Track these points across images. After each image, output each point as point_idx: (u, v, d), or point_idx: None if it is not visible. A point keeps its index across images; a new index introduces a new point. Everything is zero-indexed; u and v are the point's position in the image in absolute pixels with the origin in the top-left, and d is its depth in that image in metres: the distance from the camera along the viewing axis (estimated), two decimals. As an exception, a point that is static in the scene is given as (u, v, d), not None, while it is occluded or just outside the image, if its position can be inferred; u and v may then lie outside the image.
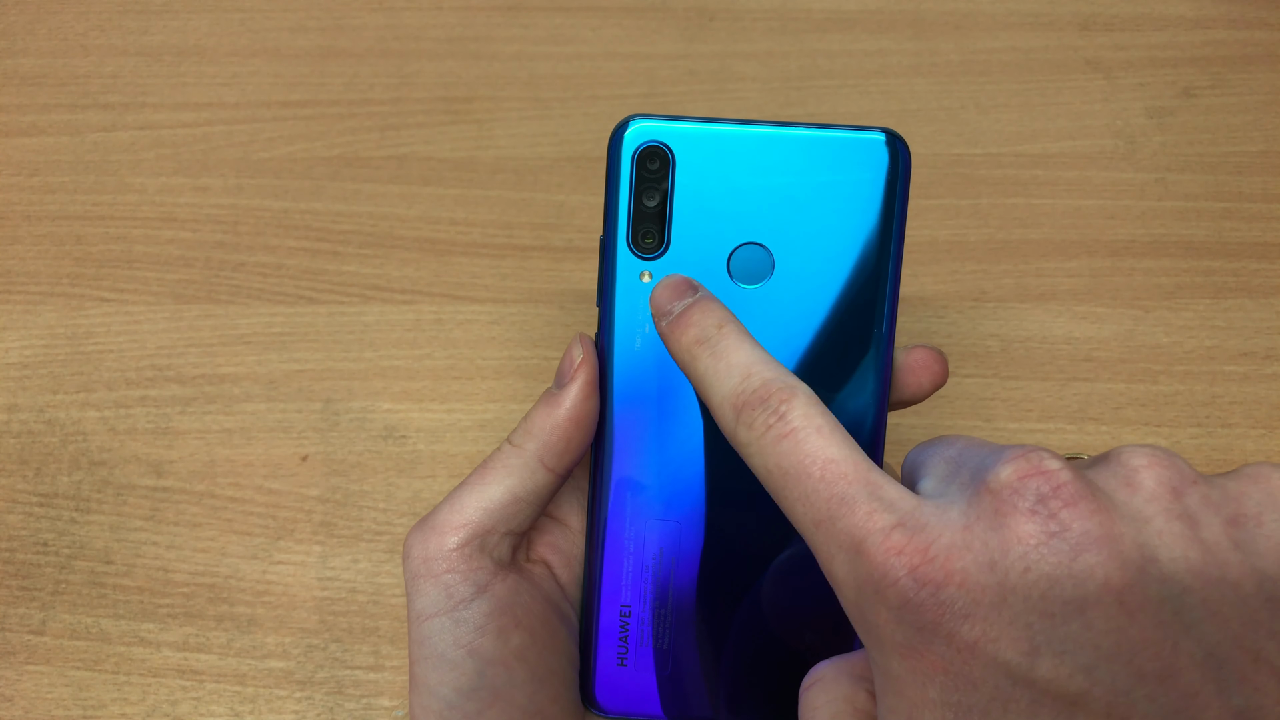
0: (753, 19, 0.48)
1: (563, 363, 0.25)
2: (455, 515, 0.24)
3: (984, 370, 0.39)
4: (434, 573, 0.24)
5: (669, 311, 0.24)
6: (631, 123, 0.25)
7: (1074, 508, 0.17)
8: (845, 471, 0.19)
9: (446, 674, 0.24)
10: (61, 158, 0.44)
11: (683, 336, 0.23)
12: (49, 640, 0.34)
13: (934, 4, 0.48)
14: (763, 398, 0.21)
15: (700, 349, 0.22)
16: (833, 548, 0.19)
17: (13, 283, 0.41)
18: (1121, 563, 0.17)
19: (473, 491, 0.24)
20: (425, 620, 0.24)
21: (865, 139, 0.25)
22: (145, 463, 0.37)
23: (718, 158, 0.25)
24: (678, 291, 0.24)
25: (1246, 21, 0.48)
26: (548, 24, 0.47)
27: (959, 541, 0.17)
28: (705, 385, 0.22)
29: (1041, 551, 0.17)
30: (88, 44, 0.47)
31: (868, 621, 0.18)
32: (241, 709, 0.33)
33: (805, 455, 0.19)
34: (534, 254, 0.41)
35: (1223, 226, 0.42)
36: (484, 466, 0.25)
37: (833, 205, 0.25)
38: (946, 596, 0.17)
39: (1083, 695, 0.16)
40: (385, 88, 0.45)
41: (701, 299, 0.24)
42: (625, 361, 0.25)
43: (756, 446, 0.20)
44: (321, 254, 0.41)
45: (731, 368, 0.22)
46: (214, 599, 0.35)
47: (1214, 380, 0.39)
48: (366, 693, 0.33)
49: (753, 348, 0.22)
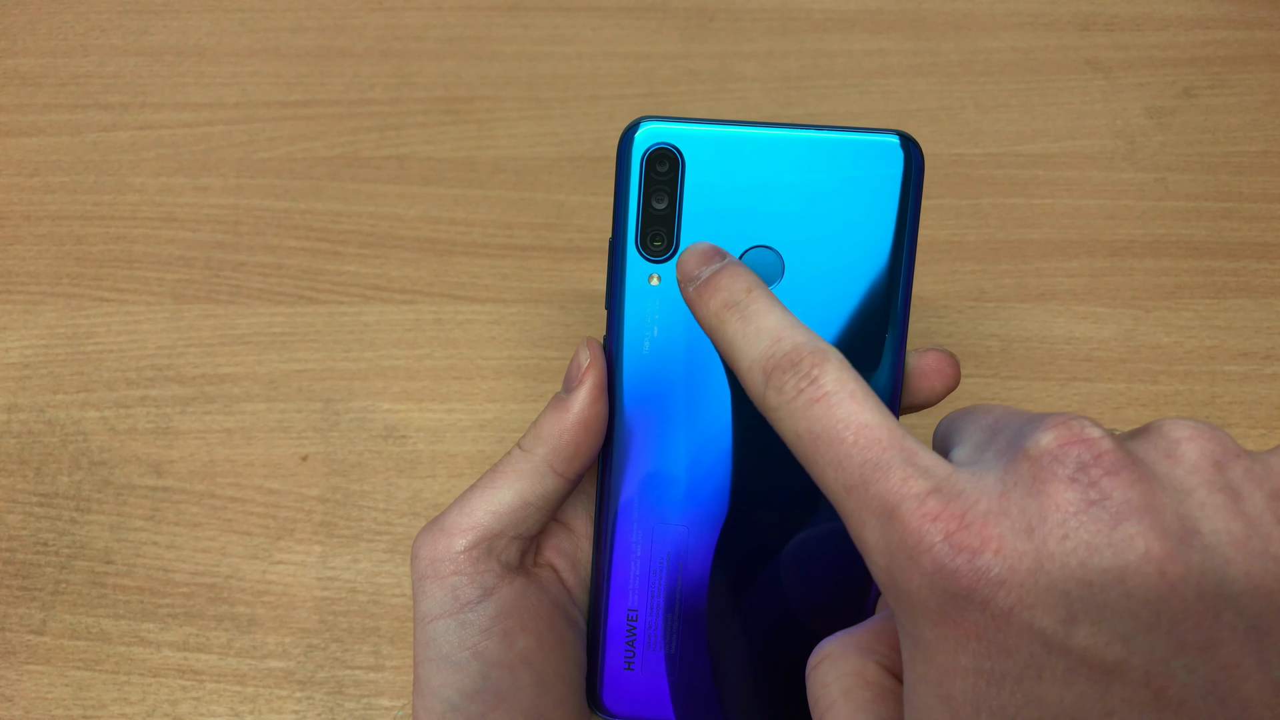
0: (753, 19, 0.48)
1: (571, 367, 0.25)
2: (464, 518, 0.24)
3: (984, 370, 0.39)
4: (440, 574, 0.24)
5: (696, 276, 0.23)
6: (641, 124, 0.25)
7: (1115, 476, 0.17)
8: (879, 437, 0.19)
9: (450, 676, 0.24)
10: (61, 158, 0.44)
11: (710, 300, 0.23)
12: (49, 640, 0.34)
13: (934, 4, 0.48)
14: (794, 361, 0.20)
15: (729, 313, 0.22)
16: (864, 513, 0.18)
17: (13, 283, 0.41)
18: (1163, 533, 0.16)
19: (482, 495, 0.24)
20: (431, 621, 0.24)
21: (879, 142, 0.25)
22: (145, 463, 0.37)
23: (728, 160, 0.25)
24: (705, 257, 0.24)
25: (1246, 21, 0.48)
26: (548, 24, 0.47)
27: (995, 508, 0.17)
28: (733, 349, 0.22)
29: (1081, 519, 0.17)
30: (88, 44, 0.47)
31: (899, 588, 0.18)
32: (242, 709, 0.33)
33: (838, 420, 0.19)
34: (534, 254, 0.41)
35: (1223, 226, 0.42)
36: (494, 470, 0.25)
37: (845, 208, 0.25)
38: (982, 563, 0.17)
39: (1120, 664, 0.16)
40: (385, 88, 0.45)
41: (730, 264, 0.23)
42: (634, 364, 0.25)
43: (786, 410, 0.20)
44: (321, 254, 0.41)
45: (761, 331, 0.21)
46: (214, 599, 0.35)
47: (1214, 380, 0.39)
48: (367, 693, 0.33)
49: (783, 312, 0.22)
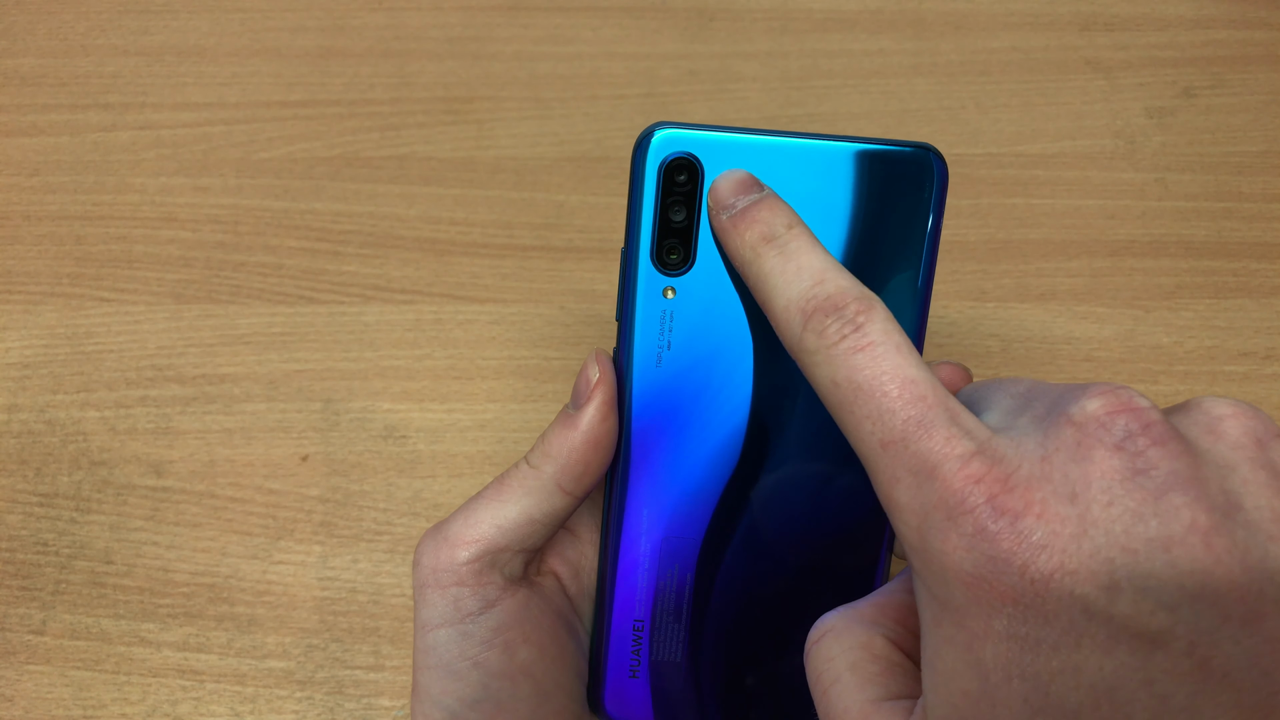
0: (753, 19, 0.48)
1: (579, 381, 0.24)
2: (469, 529, 0.24)
3: (984, 370, 0.39)
4: (442, 584, 0.24)
5: (731, 205, 0.22)
6: (657, 132, 0.24)
7: (1162, 447, 0.17)
8: (924, 393, 0.18)
9: (450, 684, 0.24)
10: (61, 158, 0.44)
11: (747, 232, 0.22)
12: (49, 640, 0.34)
13: (934, 4, 0.48)
14: (838, 305, 0.20)
15: (767, 247, 0.21)
16: (900, 470, 0.18)
17: (13, 283, 0.41)
18: (1209, 506, 0.16)
19: (488, 507, 0.24)
20: (431, 630, 0.24)
21: (910, 155, 0.24)
22: (145, 463, 0.37)
23: (758, 169, 0.24)
24: (743, 186, 0.23)
25: (1246, 21, 0.48)
26: (548, 24, 0.47)
27: (1038, 472, 0.17)
28: (768, 285, 0.21)
29: (1127, 486, 0.17)
30: (88, 44, 0.47)
31: (931, 549, 0.17)
32: (242, 709, 0.33)
33: (883, 371, 0.19)
34: (534, 254, 0.41)
35: (1223, 226, 0.42)
36: (501, 483, 0.24)
37: (872, 221, 0.24)
38: (1024, 526, 0.16)
39: (1164, 633, 0.16)
40: (385, 88, 0.45)
41: (769, 196, 0.22)
42: (645, 378, 0.25)
43: (825, 355, 0.19)
44: (321, 254, 0.41)
45: (802, 269, 0.21)
46: (214, 599, 0.35)
47: (1214, 380, 0.39)
48: (366, 693, 0.33)
49: (825, 253, 0.21)
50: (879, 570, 0.26)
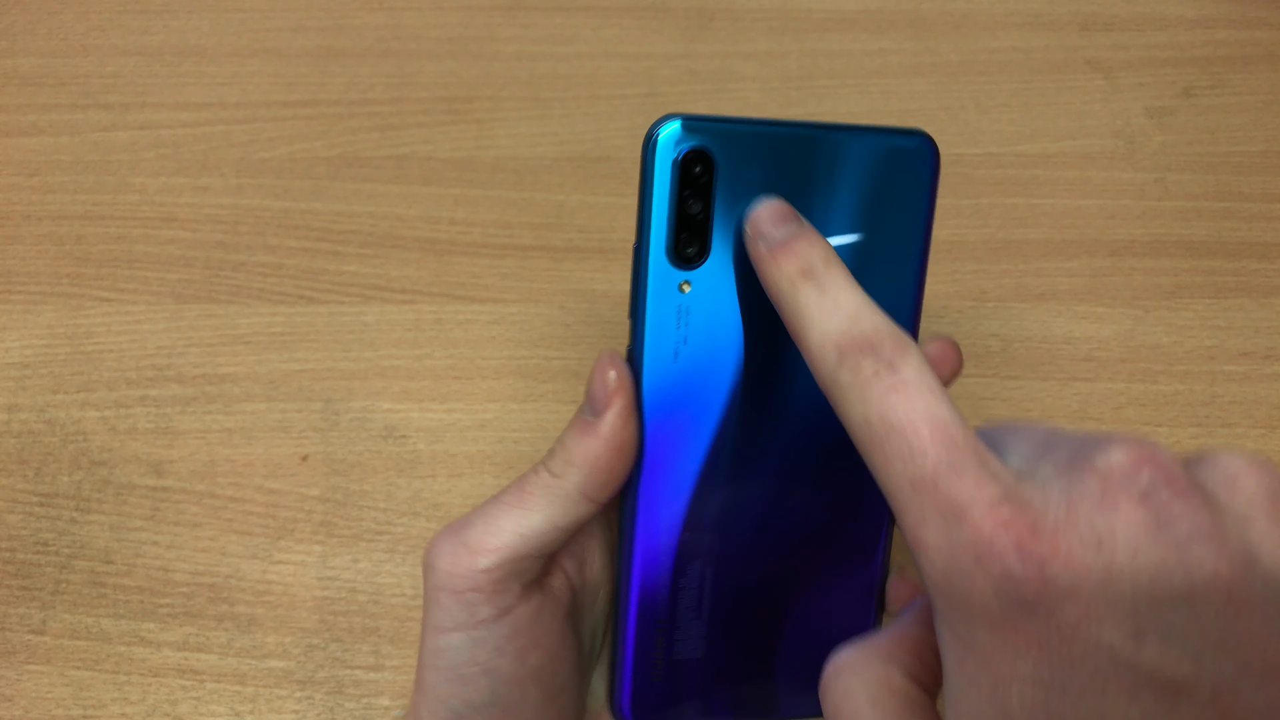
0: (753, 19, 0.48)
1: (594, 385, 0.24)
2: (490, 537, 0.23)
3: (984, 370, 0.39)
4: (457, 589, 0.23)
5: (770, 236, 0.23)
6: (669, 123, 0.23)
7: (1186, 500, 0.17)
8: (954, 436, 0.19)
9: (459, 688, 0.23)
10: (62, 158, 0.44)
11: (786, 264, 0.22)
12: (49, 640, 0.34)
13: (934, 4, 0.48)
14: (874, 343, 0.20)
15: (805, 281, 0.22)
16: (928, 510, 0.18)
17: (13, 283, 0.41)
18: (1230, 558, 0.17)
19: (510, 515, 0.24)
20: (442, 633, 0.23)
21: (908, 141, 0.25)
22: (145, 462, 0.37)
23: (760, 160, 0.24)
24: (782, 217, 0.23)
25: (1246, 21, 0.48)
26: (548, 24, 0.47)
27: (1064, 520, 0.17)
28: (804, 319, 0.21)
29: (1152, 537, 0.17)
30: (88, 44, 0.47)
31: (957, 591, 0.18)
32: (242, 709, 0.33)
33: (916, 411, 0.19)
34: (534, 254, 0.41)
35: (1223, 226, 0.42)
36: (522, 490, 0.24)
37: (873, 208, 0.25)
38: (1051, 573, 0.17)
39: (1189, 683, 0.16)
40: (385, 88, 0.45)
41: (808, 230, 0.23)
42: (660, 375, 0.24)
43: (860, 392, 0.19)
44: (321, 254, 0.41)
45: (840, 306, 0.21)
46: (214, 599, 0.35)
47: (1214, 380, 0.39)
48: (366, 692, 0.33)
49: (861, 291, 0.21)
50: (879, 549, 0.27)
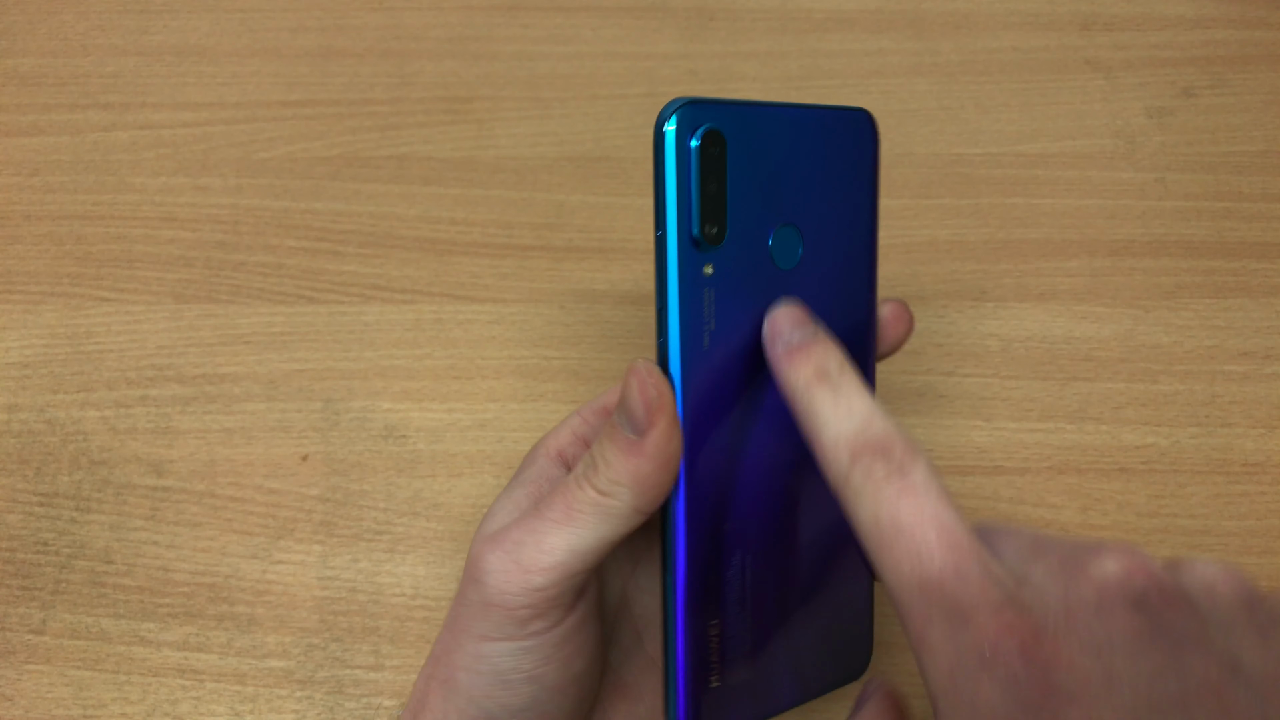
0: (753, 19, 0.48)
1: (633, 402, 0.23)
2: (544, 556, 0.23)
3: (984, 370, 0.39)
4: (509, 605, 0.23)
5: (788, 338, 0.24)
6: (685, 107, 0.23)
7: (1176, 609, 0.18)
8: (961, 541, 0.19)
9: (498, 692, 0.23)
10: (61, 157, 0.44)
11: (803, 367, 0.23)
12: (49, 640, 0.34)
13: (934, 4, 0.48)
14: (885, 447, 0.21)
15: (821, 384, 0.22)
16: (934, 611, 0.19)
17: (13, 283, 0.41)
18: (1218, 663, 0.18)
19: (560, 534, 0.23)
20: (488, 641, 0.23)
21: (855, 114, 0.26)
22: (145, 462, 0.37)
23: (759, 138, 0.24)
24: (800, 321, 0.24)
25: (1246, 21, 0.48)
26: (548, 24, 0.47)
27: (1064, 625, 0.18)
28: (818, 421, 0.22)
29: (1146, 644, 0.18)
30: (88, 44, 0.47)
31: (961, 690, 0.18)
32: (241, 708, 0.33)
33: (924, 514, 0.20)
34: (534, 254, 0.41)
35: (1223, 226, 0.42)
36: (569, 508, 0.23)
37: (840, 179, 0.26)
38: (1056, 679, 0.18)
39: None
40: (385, 88, 0.45)
41: (824, 335, 0.24)
42: (696, 366, 0.24)
43: (871, 494, 0.20)
44: (321, 254, 0.41)
45: (853, 410, 0.22)
46: (214, 598, 0.35)
47: (1214, 380, 0.39)
48: (366, 692, 0.33)
49: (873, 396, 0.22)
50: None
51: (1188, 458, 0.37)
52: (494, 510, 0.26)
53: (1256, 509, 0.36)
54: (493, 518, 0.26)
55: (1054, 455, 0.37)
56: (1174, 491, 0.36)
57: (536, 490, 0.27)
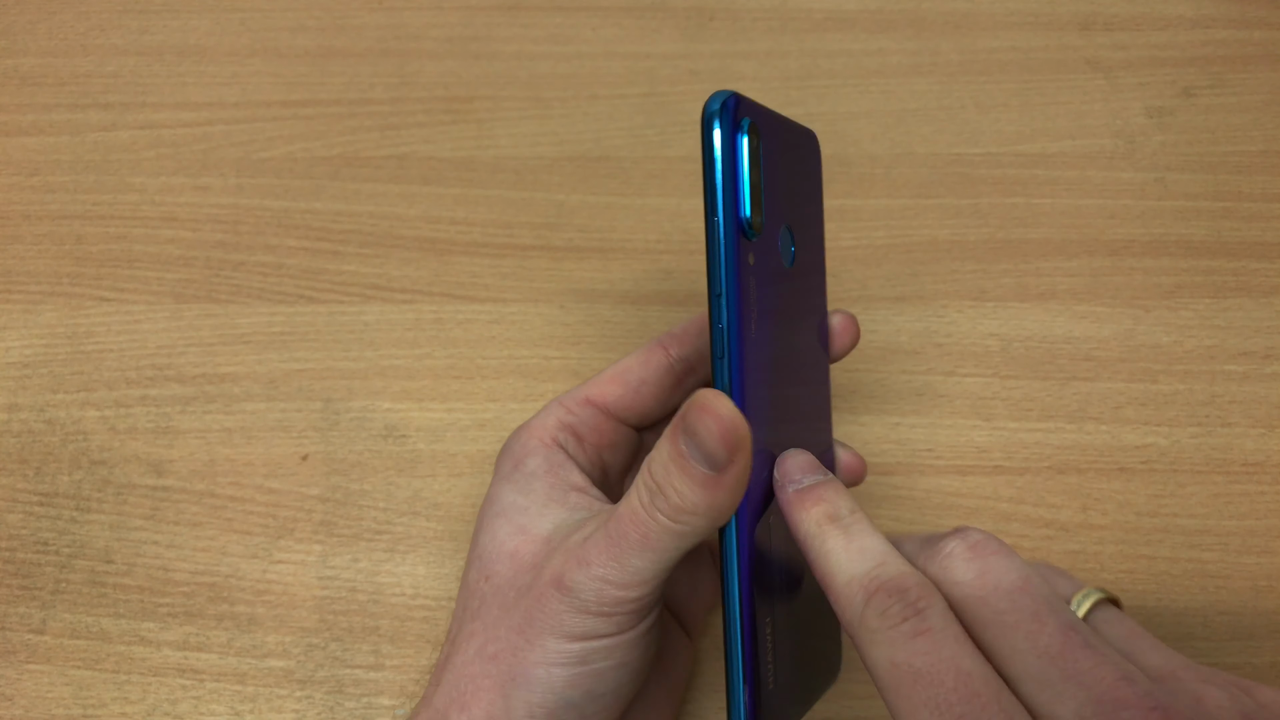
0: (753, 18, 0.48)
1: (708, 437, 0.22)
2: (632, 575, 0.23)
3: (984, 370, 0.39)
4: (608, 614, 0.23)
5: (799, 481, 0.24)
6: (735, 95, 0.23)
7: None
8: (979, 689, 0.19)
9: (586, 681, 0.24)
10: (62, 157, 0.44)
11: (814, 508, 0.23)
12: (49, 639, 0.34)
13: (934, 4, 0.48)
14: (900, 588, 0.20)
15: (832, 526, 0.22)
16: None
17: (13, 282, 0.41)
18: None
19: (643, 556, 0.23)
20: (581, 641, 0.24)
21: (808, 132, 0.28)
22: (145, 462, 0.37)
23: (772, 138, 0.24)
24: (811, 466, 0.24)
25: (1246, 21, 0.48)
26: (548, 24, 0.47)
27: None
28: (830, 563, 0.22)
29: None
30: (88, 44, 0.47)
31: None
32: (242, 708, 0.33)
33: (941, 660, 0.19)
34: (534, 254, 0.41)
35: (1223, 226, 0.42)
36: (645, 534, 0.23)
37: (810, 188, 0.27)
38: None
39: None
40: (385, 88, 0.45)
41: (833, 479, 0.24)
42: (749, 353, 0.24)
43: (886, 636, 0.20)
44: (321, 254, 0.41)
45: (865, 551, 0.22)
46: (214, 598, 0.35)
47: (1214, 380, 0.39)
48: (366, 692, 0.33)
49: (884, 538, 0.22)
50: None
51: (1188, 457, 0.37)
52: (514, 502, 0.26)
53: (1256, 509, 0.36)
54: (524, 512, 0.26)
55: (1054, 455, 0.37)
56: (1174, 491, 0.36)
57: (556, 480, 0.27)
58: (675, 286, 0.41)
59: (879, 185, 0.43)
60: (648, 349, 0.29)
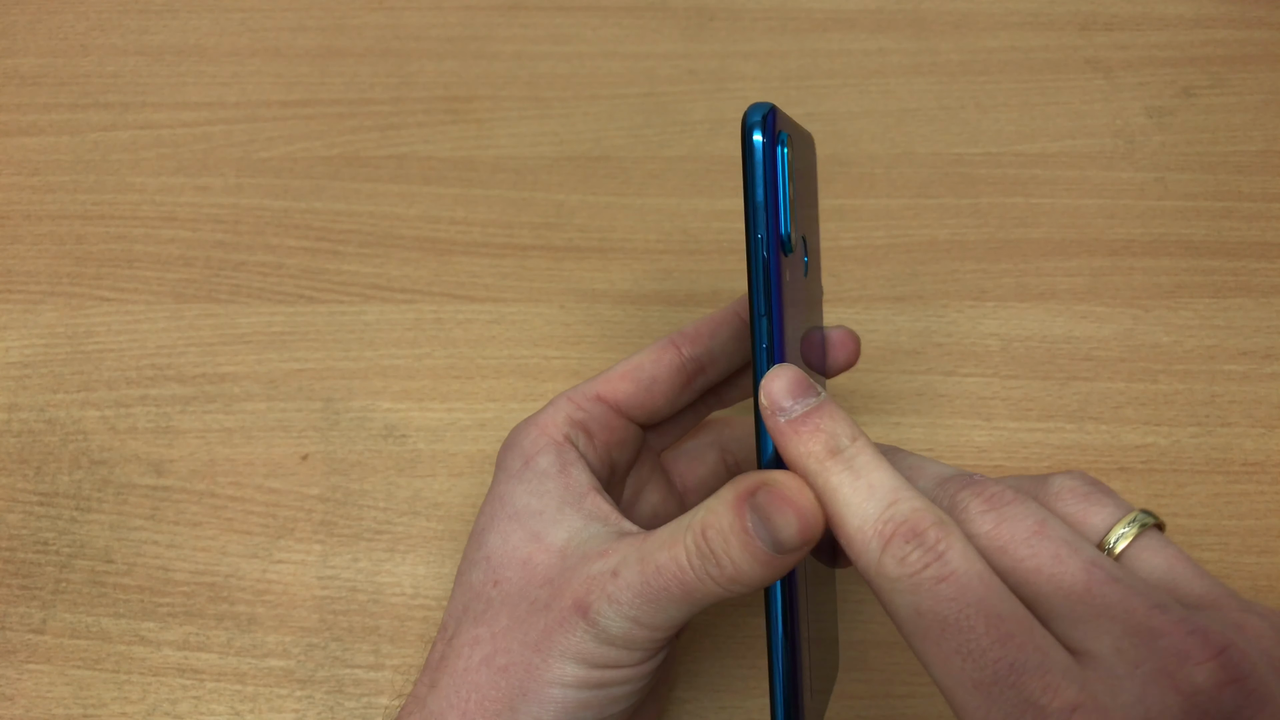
0: (753, 18, 0.48)
1: (784, 523, 0.21)
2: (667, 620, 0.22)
3: (984, 370, 0.39)
4: (633, 648, 0.23)
5: (788, 409, 0.21)
6: (771, 109, 0.22)
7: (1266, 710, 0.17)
8: (1013, 631, 0.18)
9: (601, 703, 0.23)
10: (62, 157, 0.44)
11: (810, 442, 0.21)
12: (49, 639, 0.34)
13: (934, 4, 0.48)
14: (916, 530, 0.19)
15: (834, 462, 0.21)
16: (994, 713, 0.18)
17: (13, 282, 0.41)
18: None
19: (682, 608, 0.22)
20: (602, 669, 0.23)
21: (808, 136, 0.27)
22: (145, 462, 0.37)
23: (795, 146, 0.24)
24: (799, 388, 0.22)
25: (1246, 21, 0.48)
26: (548, 24, 0.47)
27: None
28: (838, 503, 0.20)
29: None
30: (88, 44, 0.47)
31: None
32: (242, 708, 0.33)
33: (969, 605, 0.18)
34: (534, 254, 0.41)
35: (1223, 226, 0.42)
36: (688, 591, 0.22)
37: (814, 188, 0.27)
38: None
39: None
40: (385, 88, 0.45)
41: (828, 402, 0.22)
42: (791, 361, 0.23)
43: (908, 584, 0.19)
44: (321, 254, 0.41)
45: (874, 489, 0.20)
46: (214, 598, 0.35)
47: (1214, 380, 0.39)
48: (366, 691, 0.33)
49: (892, 469, 0.21)
50: None
51: (1188, 457, 0.37)
52: (527, 505, 0.25)
53: (1256, 508, 0.36)
54: (538, 517, 0.25)
55: (1054, 455, 0.37)
56: (1174, 491, 0.36)
57: (569, 481, 0.26)
58: (675, 286, 0.41)
59: (879, 185, 0.43)
60: (659, 347, 0.28)
